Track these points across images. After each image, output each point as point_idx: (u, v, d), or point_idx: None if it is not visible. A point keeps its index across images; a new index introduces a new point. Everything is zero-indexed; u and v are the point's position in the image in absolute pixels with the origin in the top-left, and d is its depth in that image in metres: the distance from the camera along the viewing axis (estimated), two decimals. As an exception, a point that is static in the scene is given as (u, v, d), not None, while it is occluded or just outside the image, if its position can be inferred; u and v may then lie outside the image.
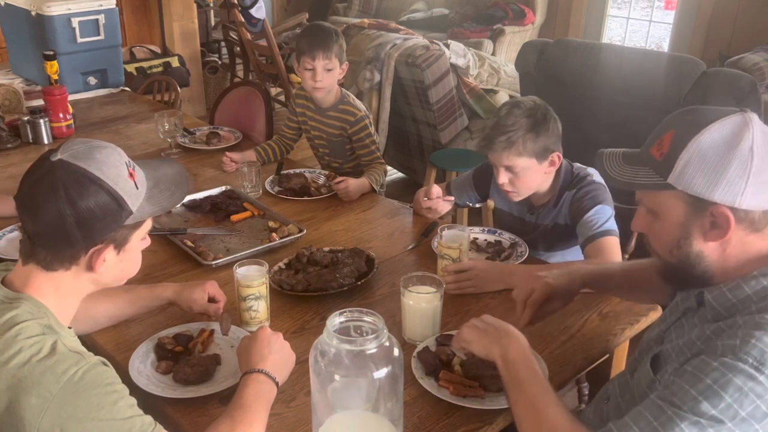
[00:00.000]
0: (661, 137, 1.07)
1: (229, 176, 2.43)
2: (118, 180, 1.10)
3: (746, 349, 0.95)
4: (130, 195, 1.12)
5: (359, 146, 2.49)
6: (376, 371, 1.06)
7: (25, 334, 1.03)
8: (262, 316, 1.57)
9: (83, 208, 1.07)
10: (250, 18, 5.37)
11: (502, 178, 1.86)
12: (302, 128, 2.64)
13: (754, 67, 3.86)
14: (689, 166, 1.03)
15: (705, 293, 1.09)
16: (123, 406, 1.04)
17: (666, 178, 1.04)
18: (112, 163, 1.11)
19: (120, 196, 1.10)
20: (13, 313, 1.05)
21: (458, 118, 3.90)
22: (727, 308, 1.06)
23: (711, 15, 5.00)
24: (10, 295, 1.10)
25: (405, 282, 1.51)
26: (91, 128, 2.98)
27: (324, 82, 2.39)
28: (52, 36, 3.22)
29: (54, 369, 1.01)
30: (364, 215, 2.18)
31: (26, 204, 1.10)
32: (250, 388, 1.24)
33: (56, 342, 1.04)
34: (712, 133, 1.03)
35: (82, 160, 1.08)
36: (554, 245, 1.98)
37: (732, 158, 1.01)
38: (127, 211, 1.12)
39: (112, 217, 1.10)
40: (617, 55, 3.23)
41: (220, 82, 5.61)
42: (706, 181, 1.02)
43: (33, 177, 1.11)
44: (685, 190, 1.03)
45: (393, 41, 3.90)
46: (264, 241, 1.95)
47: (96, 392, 1.02)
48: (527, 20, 5.78)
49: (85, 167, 1.08)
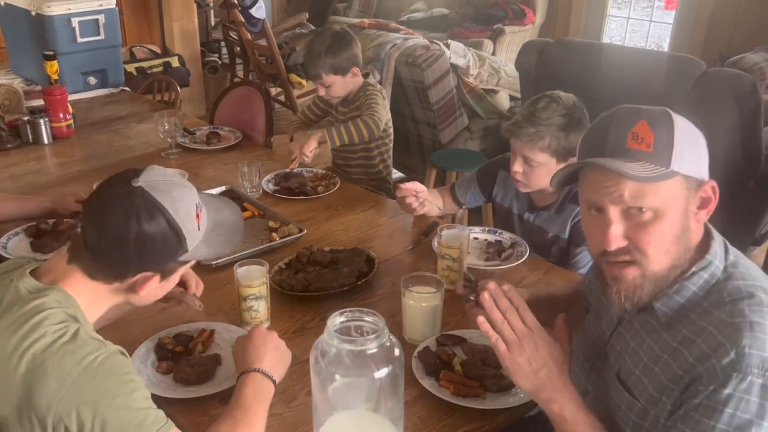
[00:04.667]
0: (631, 131, 1.03)
1: (229, 176, 2.43)
2: (186, 220, 1.16)
3: (747, 362, 0.95)
4: (191, 234, 1.17)
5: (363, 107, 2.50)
6: (377, 371, 1.06)
7: (50, 320, 1.06)
8: (262, 316, 1.57)
9: (148, 237, 1.11)
10: (250, 18, 5.38)
11: (517, 166, 1.86)
12: (330, 115, 2.69)
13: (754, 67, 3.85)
14: (685, 147, 1.03)
15: (652, 302, 1.08)
16: (139, 396, 1.06)
17: (669, 166, 1.02)
18: (185, 203, 1.16)
19: (183, 234, 1.15)
20: (40, 301, 1.08)
21: (458, 118, 3.90)
22: (677, 310, 1.06)
23: (711, 15, 5.00)
24: (39, 286, 1.12)
25: (405, 282, 1.51)
26: (91, 128, 2.98)
27: (331, 93, 2.52)
28: (52, 36, 3.22)
29: (75, 353, 1.03)
30: (364, 215, 2.18)
31: (95, 216, 1.13)
32: (248, 387, 1.24)
33: (79, 329, 1.07)
34: (675, 116, 1.05)
35: (159, 194, 1.13)
36: (548, 254, 1.98)
37: (698, 137, 1.06)
38: (184, 249, 1.17)
39: (170, 250, 1.16)
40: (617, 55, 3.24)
41: (220, 82, 5.61)
42: (696, 158, 1.05)
43: (109, 193, 1.14)
44: (687, 173, 1.03)
45: (393, 41, 3.90)
46: (264, 241, 1.95)
47: (113, 380, 1.04)
48: (527, 20, 5.78)
49: (161, 201, 1.12)
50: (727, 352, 0.96)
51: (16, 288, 1.10)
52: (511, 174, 1.90)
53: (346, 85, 2.51)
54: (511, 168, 1.88)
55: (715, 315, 1.02)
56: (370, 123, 2.40)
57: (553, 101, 1.80)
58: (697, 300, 1.05)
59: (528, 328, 1.12)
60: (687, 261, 1.07)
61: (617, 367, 1.14)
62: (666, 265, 1.06)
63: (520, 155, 1.84)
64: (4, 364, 1.02)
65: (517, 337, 1.11)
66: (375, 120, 2.41)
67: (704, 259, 1.06)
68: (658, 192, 1.02)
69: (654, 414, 1.05)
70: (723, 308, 1.01)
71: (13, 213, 2.02)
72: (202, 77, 5.51)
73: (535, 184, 1.89)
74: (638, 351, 1.10)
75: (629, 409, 1.10)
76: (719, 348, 0.97)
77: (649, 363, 1.07)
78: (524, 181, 1.88)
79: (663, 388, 1.04)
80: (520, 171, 1.86)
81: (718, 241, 1.09)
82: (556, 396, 1.10)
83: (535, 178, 1.87)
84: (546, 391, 1.11)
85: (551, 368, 1.11)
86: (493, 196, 2.14)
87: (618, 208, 1.04)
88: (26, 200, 2.09)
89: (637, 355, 1.10)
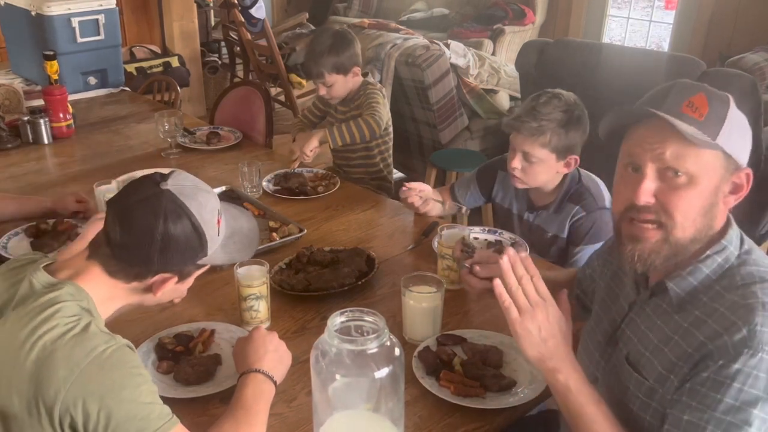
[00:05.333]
0: (689, 99, 1.05)
1: (229, 176, 2.43)
2: (209, 225, 1.19)
3: (758, 339, 0.96)
4: (212, 239, 1.21)
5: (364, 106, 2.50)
6: (377, 371, 1.06)
7: (63, 312, 1.07)
8: (262, 316, 1.57)
9: (173, 238, 1.14)
10: (250, 18, 5.37)
11: (516, 162, 1.86)
12: (330, 114, 2.70)
13: (754, 67, 3.85)
14: (734, 128, 1.05)
15: (665, 282, 1.10)
16: (145, 390, 1.07)
17: (715, 137, 1.03)
18: (209, 208, 1.20)
19: (206, 238, 1.19)
20: (54, 294, 1.09)
21: (458, 118, 3.90)
22: (689, 292, 1.08)
23: (711, 15, 5.00)
24: (53, 281, 1.13)
25: (405, 282, 1.51)
26: (91, 128, 2.98)
27: (332, 93, 2.52)
28: (52, 36, 3.22)
29: (84, 344, 1.04)
30: (364, 215, 2.18)
31: (122, 215, 1.15)
32: (249, 388, 1.25)
33: (90, 323, 1.08)
34: (733, 103, 1.07)
35: (186, 197, 1.16)
36: (547, 254, 1.98)
37: (747, 128, 1.08)
38: (204, 253, 1.20)
39: (192, 253, 1.19)
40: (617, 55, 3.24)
41: (220, 82, 5.61)
42: (742, 143, 1.07)
43: (139, 195, 1.16)
44: (730, 152, 1.05)
45: (393, 41, 3.90)
46: (264, 241, 1.95)
47: (121, 372, 1.05)
48: (527, 20, 5.78)
49: (187, 204, 1.16)
50: (739, 329, 0.98)
51: (30, 282, 1.12)
52: (509, 170, 1.90)
53: (347, 84, 2.51)
54: (509, 164, 1.88)
55: (727, 297, 1.03)
56: (371, 122, 2.40)
57: (555, 97, 1.82)
58: (710, 283, 1.07)
59: (541, 297, 1.11)
60: (706, 241, 1.08)
61: (626, 350, 1.16)
62: (689, 234, 1.06)
63: (520, 151, 1.85)
64: (16, 354, 1.03)
65: (530, 305, 1.10)
66: (376, 119, 2.41)
67: (719, 243, 1.08)
68: (698, 159, 1.03)
69: (661, 392, 1.06)
70: (735, 291, 1.03)
71: (13, 213, 2.02)
72: (202, 77, 5.51)
73: (532, 181, 1.89)
74: (648, 333, 1.12)
75: (637, 389, 1.11)
76: (731, 326, 0.99)
77: (659, 344, 1.09)
78: (522, 178, 1.89)
79: (672, 366, 1.05)
80: (519, 167, 1.86)
81: (735, 230, 1.11)
82: (561, 366, 1.10)
83: (534, 175, 1.87)
84: (552, 360, 1.10)
85: (559, 339, 1.11)
86: (492, 196, 2.14)
87: (656, 166, 1.05)
88: (26, 200, 2.09)
89: (647, 337, 1.12)
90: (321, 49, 2.43)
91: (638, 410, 1.10)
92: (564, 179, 1.92)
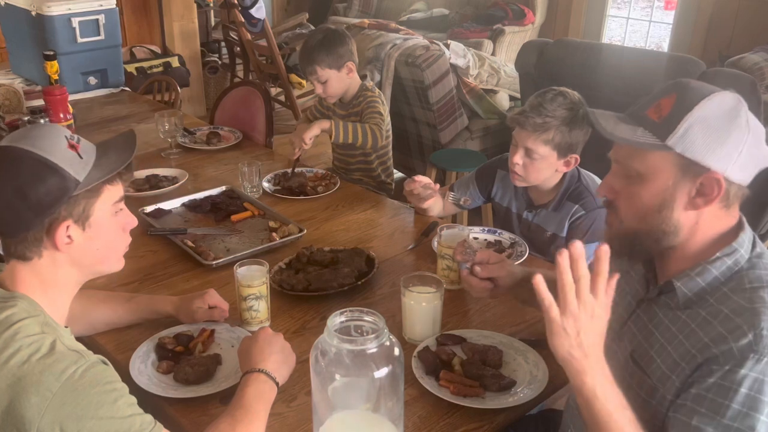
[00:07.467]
0: (659, 101, 1.08)
1: (229, 176, 2.44)
2: (53, 150, 1.10)
3: (764, 343, 0.96)
4: (72, 164, 1.11)
5: (366, 115, 2.50)
6: (377, 371, 1.06)
7: (24, 332, 1.03)
8: (262, 316, 1.57)
9: (22, 184, 1.07)
10: (250, 18, 5.37)
11: (517, 158, 1.86)
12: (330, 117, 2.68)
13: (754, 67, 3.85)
14: (692, 129, 1.04)
15: (673, 281, 1.10)
16: (123, 404, 1.05)
17: (665, 139, 1.05)
18: (45, 136, 1.12)
19: (57, 165, 1.09)
20: (10, 312, 1.06)
21: (458, 118, 3.90)
22: (697, 293, 1.08)
23: (711, 15, 5.00)
24: (5, 294, 1.10)
25: (405, 282, 1.51)
26: (91, 128, 2.97)
27: (327, 91, 2.51)
28: (52, 36, 3.22)
29: (53, 368, 1.01)
30: (364, 215, 2.18)
31: None
32: (250, 387, 1.24)
33: (55, 341, 1.04)
34: (715, 101, 1.06)
35: (17, 141, 1.10)
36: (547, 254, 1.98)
37: (732, 128, 1.05)
38: (72, 180, 1.11)
39: (56, 187, 1.09)
40: (617, 55, 3.24)
41: (220, 82, 5.61)
42: (706, 147, 1.04)
43: None
44: (683, 153, 1.04)
45: (393, 41, 3.90)
46: (264, 241, 1.95)
47: (95, 391, 1.02)
48: (527, 20, 5.78)
49: (17, 145, 1.09)
50: (744, 333, 0.98)
51: None
52: (509, 166, 1.90)
53: (342, 81, 2.49)
54: (511, 159, 1.88)
55: (733, 300, 1.03)
56: (377, 133, 2.42)
57: (560, 95, 1.83)
58: (718, 285, 1.07)
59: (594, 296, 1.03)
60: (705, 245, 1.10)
61: (631, 348, 1.16)
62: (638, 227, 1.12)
63: (522, 146, 1.85)
64: None
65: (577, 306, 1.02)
66: (381, 133, 2.43)
67: (730, 246, 1.08)
68: (644, 159, 1.08)
69: (662, 392, 1.06)
70: (743, 294, 1.03)
71: None
72: (202, 77, 5.51)
73: (532, 179, 1.89)
74: (654, 332, 1.12)
75: (639, 387, 1.11)
76: (736, 330, 0.99)
77: (664, 343, 1.09)
78: (522, 175, 1.89)
79: (674, 365, 1.05)
80: (520, 163, 1.86)
81: (747, 233, 1.11)
82: (590, 370, 1.03)
83: (534, 172, 1.87)
84: (581, 363, 1.03)
85: (595, 342, 1.04)
86: (492, 196, 2.14)
87: (617, 164, 1.14)
88: None
89: (653, 335, 1.12)
90: (312, 45, 2.44)
91: (638, 408, 1.10)
92: (563, 178, 1.92)
